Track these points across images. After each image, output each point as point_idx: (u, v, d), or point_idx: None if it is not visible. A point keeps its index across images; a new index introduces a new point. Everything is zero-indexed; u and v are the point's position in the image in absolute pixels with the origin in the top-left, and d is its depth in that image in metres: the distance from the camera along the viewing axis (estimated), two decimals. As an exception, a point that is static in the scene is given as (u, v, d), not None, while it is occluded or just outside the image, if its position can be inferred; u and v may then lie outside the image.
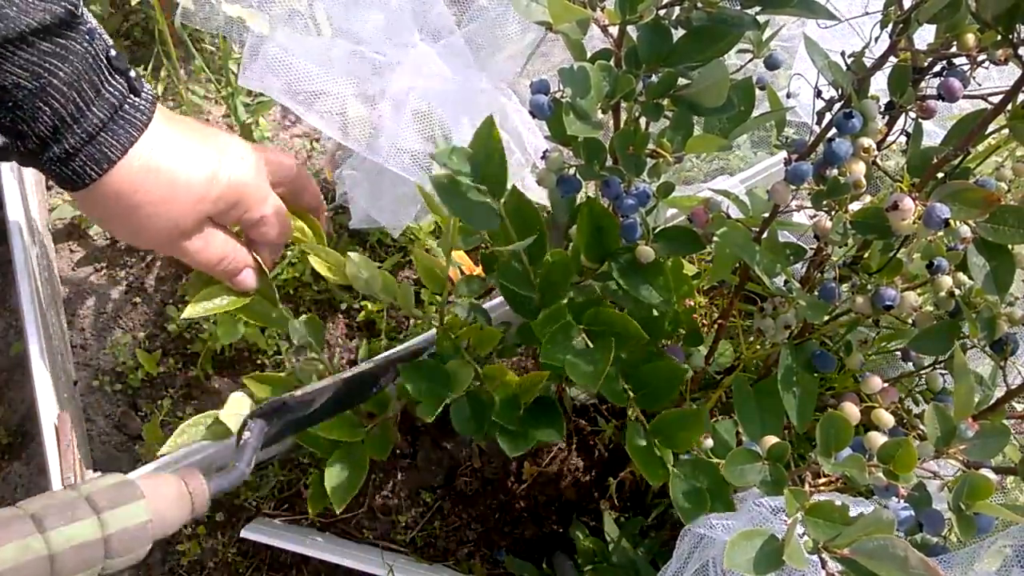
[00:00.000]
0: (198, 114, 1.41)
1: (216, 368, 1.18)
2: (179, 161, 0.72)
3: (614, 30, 0.66)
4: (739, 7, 0.64)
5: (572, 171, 0.76)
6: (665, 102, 0.68)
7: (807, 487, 0.62)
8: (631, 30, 0.67)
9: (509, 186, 0.75)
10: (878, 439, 0.63)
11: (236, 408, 0.82)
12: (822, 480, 0.63)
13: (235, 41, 1.07)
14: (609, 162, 0.73)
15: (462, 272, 1.25)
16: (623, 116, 0.72)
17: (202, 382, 1.17)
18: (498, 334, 0.86)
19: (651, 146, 0.70)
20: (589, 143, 0.71)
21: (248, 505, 1.08)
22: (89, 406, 1.15)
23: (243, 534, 1.01)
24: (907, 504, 0.63)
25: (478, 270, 1.26)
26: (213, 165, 0.73)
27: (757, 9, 0.64)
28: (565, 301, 0.78)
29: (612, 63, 0.68)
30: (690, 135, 0.69)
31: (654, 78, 0.67)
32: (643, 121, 0.72)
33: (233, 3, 1.19)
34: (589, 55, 0.69)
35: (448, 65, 1.07)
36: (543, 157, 0.77)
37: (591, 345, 0.76)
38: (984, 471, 0.62)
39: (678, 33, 0.66)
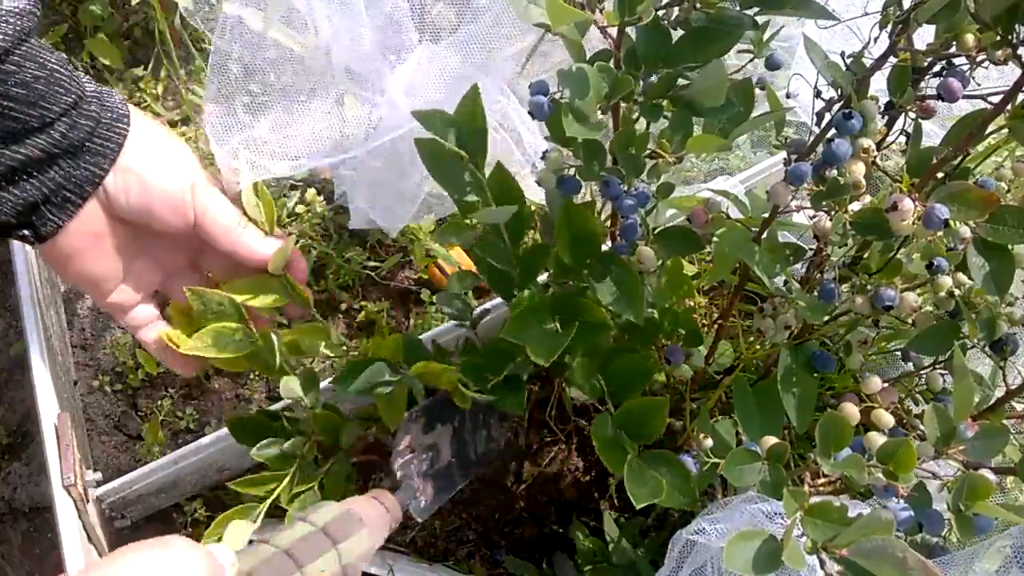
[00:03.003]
0: (199, 114, 1.40)
1: (216, 368, 1.18)
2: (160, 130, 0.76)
3: (613, 31, 0.66)
4: (738, 8, 0.64)
5: (572, 171, 0.75)
6: (664, 103, 0.67)
7: (806, 487, 0.62)
8: (630, 30, 0.67)
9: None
10: (878, 439, 0.63)
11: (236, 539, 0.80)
12: (821, 480, 0.63)
13: (236, 40, 1.07)
14: (609, 162, 0.73)
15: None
16: (622, 116, 0.72)
17: (202, 382, 1.17)
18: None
19: (651, 146, 0.70)
20: (588, 144, 0.71)
21: (248, 505, 1.08)
22: (89, 406, 1.15)
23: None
24: (906, 504, 0.63)
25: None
26: None
27: (756, 9, 0.64)
28: (550, 292, 0.78)
29: (611, 64, 0.67)
30: (690, 135, 0.69)
31: (653, 79, 0.67)
32: (642, 122, 0.72)
33: (232, 1, 1.19)
34: (588, 56, 0.68)
35: (449, 64, 1.07)
36: (543, 157, 0.77)
37: (560, 330, 0.76)
38: (983, 471, 0.62)
39: (677, 34, 0.66)
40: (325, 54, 1.07)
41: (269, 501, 0.82)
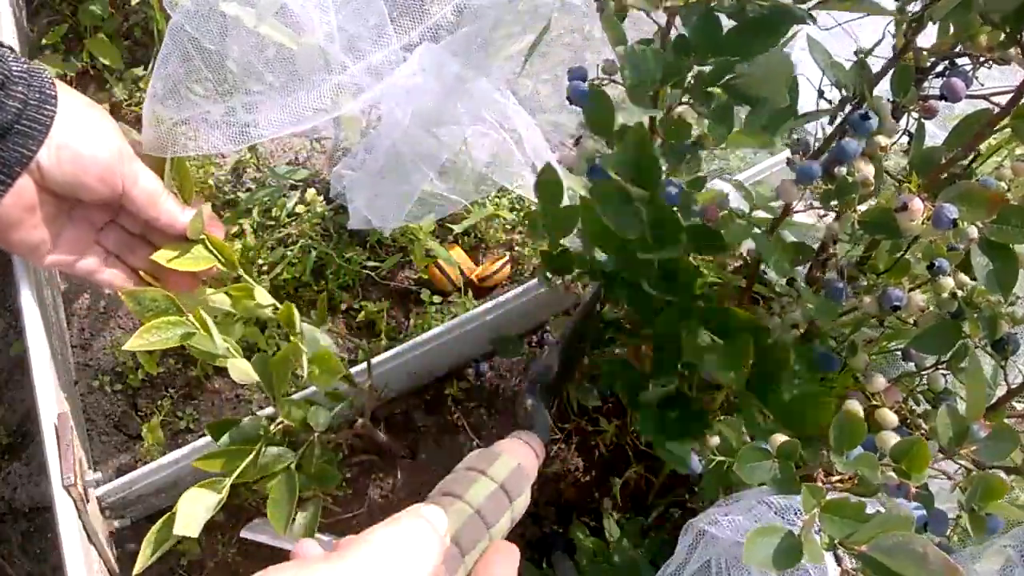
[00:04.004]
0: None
1: (216, 368, 1.18)
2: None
3: (662, 19, 0.66)
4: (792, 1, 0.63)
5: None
6: (715, 91, 0.67)
7: (819, 484, 0.62)
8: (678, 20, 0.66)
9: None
10: (890, 438, 0.64)
11: (193, 505, 0.82)
12: (835, 478, 0.63)
13: (234, 40, 1.07)
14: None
15: (463, 272, 1.25)
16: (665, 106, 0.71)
17: (202, 382, 1.17)
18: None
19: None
20: (635, 133, 0.71)
21: (248, 505, 1.08)
22: (89, 406, 1.15)
23: (243, 534, 1.01)
24: (918, 504, 0.63)
25: (478, 270, 1.26)
26: None
27: (811, 3, 0.64)
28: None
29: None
30: (731, 129, 0.68)
31: (704, 68, 0.66)
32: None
33: (231, 2, 1.19)
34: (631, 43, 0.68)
35: (449, 64, 1.07)
36: (576, 144, 0.77)
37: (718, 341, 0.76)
38: (995, 471, 0.62)
39: (727, 24, 0.66)
40: (322, 53, 1.07)
41: (232, 477, 0.82)
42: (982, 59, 0.64)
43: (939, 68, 0.70)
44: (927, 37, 0.68)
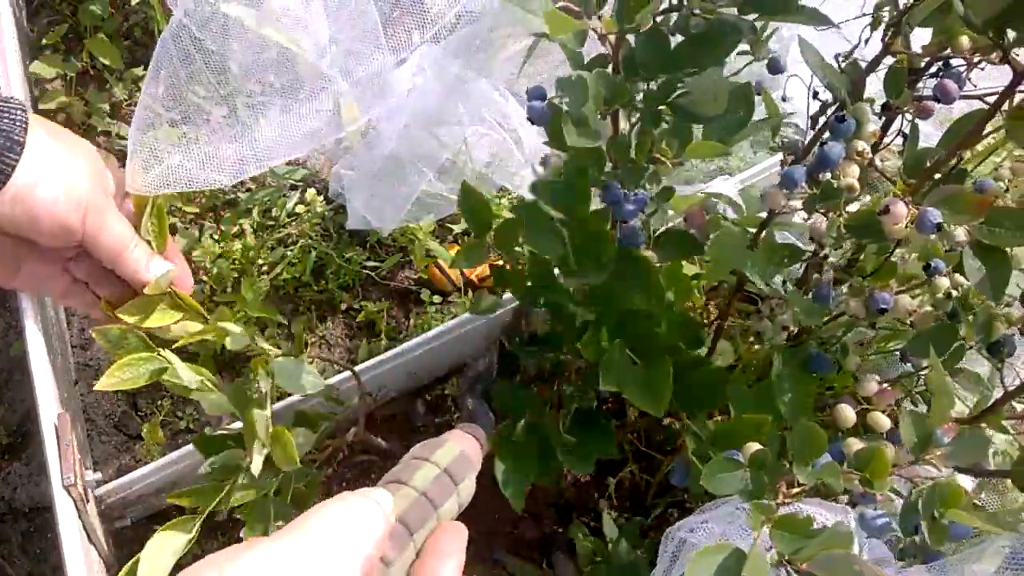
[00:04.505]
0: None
1: (216, 368, 1.18)
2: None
3: (611, 37, 0.66)
4: (736, 13, 0.63)
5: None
6: (665, 109, 0.67)
7: (780, 497, 0.61)
8: (629, 36, 0.66)
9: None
10: (855, 445, 0.63)
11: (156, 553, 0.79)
12: (796, 489, 0.63)
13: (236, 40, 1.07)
14: (609, 167, 0.72)
15: (463, 272, 1.25)
16: (621, 122, 0.72)
17: (202, 382, 1.17)
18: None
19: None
20: (587, 150, 0.71)
21: (248, 505, 1.08)
22: (89, 406, 1.15)
23: (243, 534, 1.01)
24: (882, 512, 0.63)
25: (478, 270, 1.26)
26: None
27: (755, 15, 0.64)
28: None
29: (610, 69, 0.67)
30: (689, 141, 0.68)
31: (653, 85, 0.67)
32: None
33: (232, 2, 1.19)
34: (588, 59, 0.68)
35: (449, 65, 1.07)
36: (542, 163, 0.77)
37: (637, 362, 0.77)
38: (961, 476, 0.62)
39: (675, 40, 0.66)
40: (321, 55, 1.07)
41: (204, 515, 0.80)
42: (975, 60, 0.63)
43: (933, 69, 0.69)
44: (923, 38, 0.68)
